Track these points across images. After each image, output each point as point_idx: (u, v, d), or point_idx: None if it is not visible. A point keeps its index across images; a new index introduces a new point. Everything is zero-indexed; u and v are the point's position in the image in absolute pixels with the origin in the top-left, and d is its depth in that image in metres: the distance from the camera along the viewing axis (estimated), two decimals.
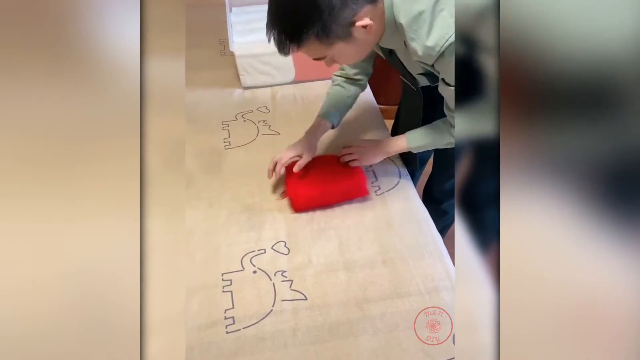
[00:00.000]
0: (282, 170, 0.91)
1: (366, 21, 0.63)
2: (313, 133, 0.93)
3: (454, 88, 0.70)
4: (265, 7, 1.43)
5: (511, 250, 0.42)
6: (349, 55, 0.70)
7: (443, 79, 0.71)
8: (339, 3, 0.60)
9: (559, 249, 0.41)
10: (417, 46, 0.65)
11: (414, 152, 0.89)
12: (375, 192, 0.94)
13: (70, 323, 0.41)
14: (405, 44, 0.69)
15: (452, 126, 0.80)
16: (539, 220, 0.42)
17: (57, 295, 0.41)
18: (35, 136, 0.40)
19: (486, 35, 0.58)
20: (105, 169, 0.43)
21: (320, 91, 1.19)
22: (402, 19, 0.64)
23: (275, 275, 0.79)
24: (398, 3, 0.64)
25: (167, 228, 0.50)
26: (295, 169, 0.89)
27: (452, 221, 1.20)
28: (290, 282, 0.78)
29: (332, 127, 0.96)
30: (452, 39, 0.62)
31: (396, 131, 1.12)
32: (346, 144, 0.95)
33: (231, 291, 0.77)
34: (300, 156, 0.90)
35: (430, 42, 0.63)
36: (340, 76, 0.97)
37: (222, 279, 0.79)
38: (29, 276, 0.40)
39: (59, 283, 0.41)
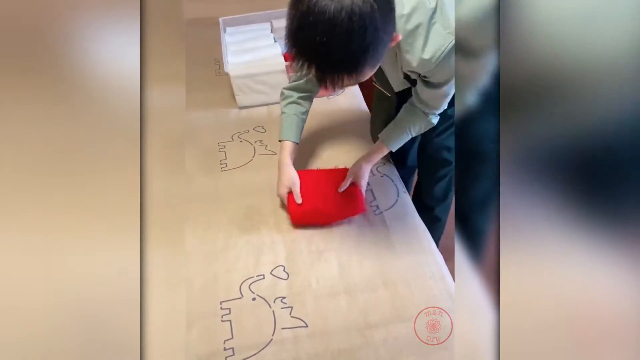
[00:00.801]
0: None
1: (398, 37, 0.63)
2: (286, 161, 0.92)
3: (442, 86, 0.75)
4: (259, 26, 1.44)
5: (511, 272, 0.42)
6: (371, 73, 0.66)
7: (426, 81, 0.75)
8: (387, 21, 0.56)
9: (558, 269, 0.42)
10: (411, 58, 0.68)
11: (395, 150, 0.93)
12: (374, 212, 0.93)
13: (69, 352, 0.40)
14: (396, 55, 0.72)
15: (424, 113, 0.84)
16: (539, 238, 0.42)
17: (56, 323, 0.40)
18: (34, 162, 0.40)
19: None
20: (105, 196, 0.42)
21: (315, 108, 1.18)
22: (399, 32, 0.65)
23: (274, 302, 0.78)
24: (396, 17, 0.63)
25: (167, 258, 0.49)
26: (297, 200, 0.89)
27: (444, 222, 1.21)
28: (290, 308, 0.77)
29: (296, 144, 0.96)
30: (447, 49, 0.65)
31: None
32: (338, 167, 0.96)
33: (230, 320, 0.75)
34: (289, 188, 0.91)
35: (426, 55, 0.66)
36: (291, 89, 0.95)
37: (221, 308, 0.77)
38: (27, 305, 0.39)
39: (58, 311, 0.40)
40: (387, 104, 0.98)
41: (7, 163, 0.38)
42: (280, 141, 0.95)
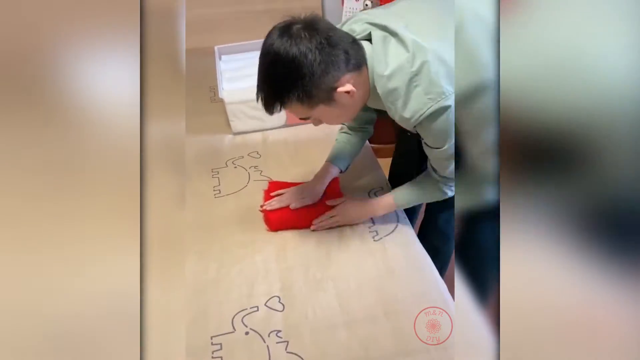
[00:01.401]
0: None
1: (348, 87, 0.67)
2: (321, 178, 0.94)
3: (437, 149, 0.73)
4: (254, 54, 1.46)
5: (511, 303, 0.41)
6: (332, 117, 0.73)
7: (425, 142, 0.75)
8: (319, 70, 0.63)
9: (559, 301, 0.40)
10: (394, 114, 0.70)
11: (401, 209, 0.91)
12: (374, 237, 0.90)
13: None
14: None
15: (438, 181, 0.82)
16: (539, 273, 0.41)
17: (51, 350, 0.38)
18: (31, 190, 0.39)
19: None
20: (105, 223, 0.41)
21: (311, 134, 1.17)
22: (379, 90, 0.68)
23: (269, 336, 0.73)
24: (376, 76, 0.68)
25: (167, 286, 0.48)
26: (292, 206, 0.91)
27: (448, 260, 1.17)
28: (285, 343, 0.72)
29: (341, 172, 0.98)
30: (428, 112, 0.66)
31: (392, 174, 1.12)
32: (332, 202, 0.94)
33: (221, 357, 0.70)
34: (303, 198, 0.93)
35: (406, 115, 0.68)
36: (346, 126, 0.99)
37: (212, 343, 0.72)
38: (22, 330, 0.38)
39: (54, 339, 0.38)
40: (408, 142, 1.00)
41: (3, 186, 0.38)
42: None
